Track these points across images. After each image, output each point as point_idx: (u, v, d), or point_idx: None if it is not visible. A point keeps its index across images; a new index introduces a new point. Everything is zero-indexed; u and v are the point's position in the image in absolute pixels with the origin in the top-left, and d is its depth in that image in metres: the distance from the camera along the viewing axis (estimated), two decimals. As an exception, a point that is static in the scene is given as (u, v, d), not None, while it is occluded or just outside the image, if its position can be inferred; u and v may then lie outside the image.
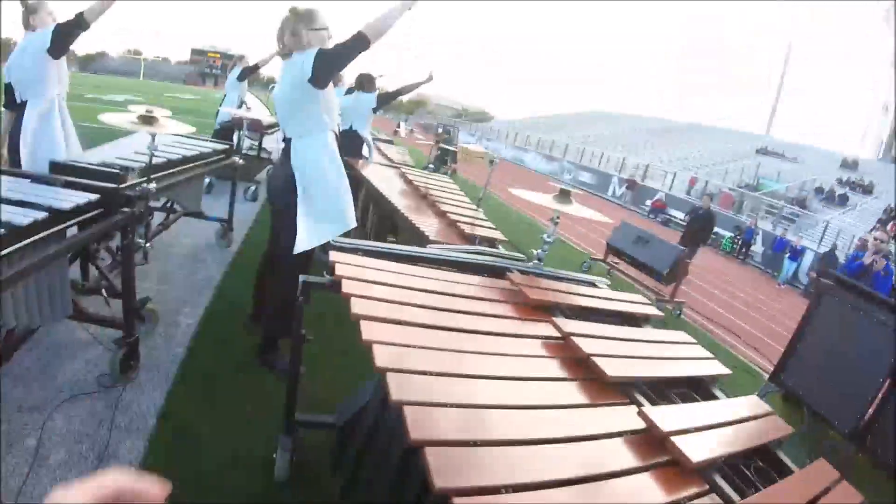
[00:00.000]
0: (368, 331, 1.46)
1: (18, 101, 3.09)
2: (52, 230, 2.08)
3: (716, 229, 19.38)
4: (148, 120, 2.73)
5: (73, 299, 2.45)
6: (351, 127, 5.44)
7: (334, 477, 2.11)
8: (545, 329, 1.86)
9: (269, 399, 2.78)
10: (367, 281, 1.80)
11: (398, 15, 2.65)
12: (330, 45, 2.74)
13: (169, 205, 4.35)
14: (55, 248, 2.05)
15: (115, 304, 2.86)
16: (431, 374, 1.35)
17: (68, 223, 2.20)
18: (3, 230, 1.85)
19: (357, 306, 1.58)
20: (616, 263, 8.16)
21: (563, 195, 2.53)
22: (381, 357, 1.34)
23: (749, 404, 1.77)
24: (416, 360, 1.40)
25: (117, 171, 2.70)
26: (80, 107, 11.57)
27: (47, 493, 0.44)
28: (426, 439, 1.10)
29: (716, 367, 2.00)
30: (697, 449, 1.34)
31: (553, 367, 1.64)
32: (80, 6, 2.90)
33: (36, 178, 2.43)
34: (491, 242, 3.06)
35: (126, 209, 2.47)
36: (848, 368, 3.92)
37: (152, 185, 2.75)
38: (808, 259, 15.49)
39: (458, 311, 1.79)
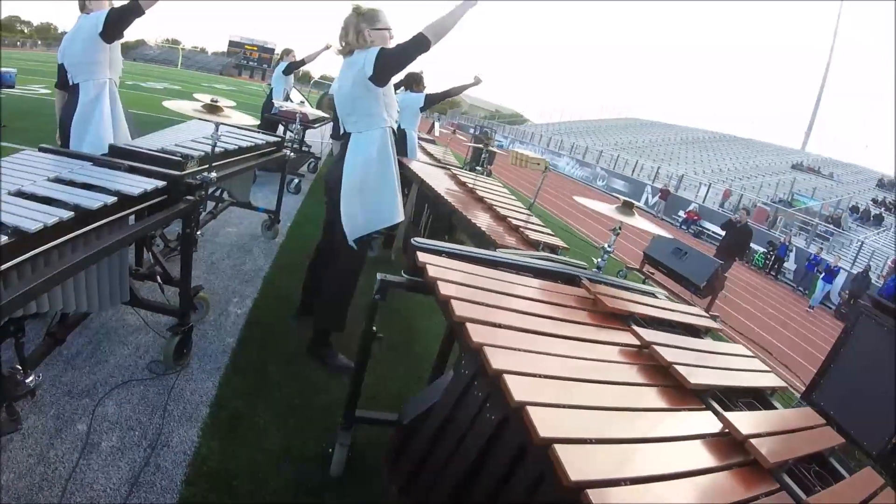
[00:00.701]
0: (476, 333, 1.49)
1: (70, 83, 3.10)
2: (119, 215, 2.07)
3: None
4: (212, 109, 2.72)
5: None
6: (399, 126, 5.44)
7: (391, 475, 2.07)
8: (624, 337, 1.92)
9: (319, 393, 2.77)
10: (460, 284, 1.82)
11: (459, 16, 2.67)
12: (391, 45, 2.77)
13: (218, 193, 4.37)
14: (125, 234, 2.04)
15: (165, 290, 2.88)
16: (540, 376, 1.40)
17: (134, 209, 2.19)
18: (73, 213, 1.85)
19: (459, 308, 1.60)
20: (651, 273, 8.04)
21: (626, 206, 2.58)
22: (496, 360, 1.38)
23: (805, 415, 1.88)
24: (526, 363, 1.44)
25: (179, 158, 2.69)
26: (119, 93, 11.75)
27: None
28: (553, 437, 1.15)
29: (773, 380, 2.09)
30: (772, 451, 1.43)
31: (635, 373, 1.70)
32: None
33: (99, 162, 2.42)
34: (553, 249, 3.03)
35: (190, 197, 2.47)
36: (881, 391, 3.83)
37: (213, 174, 2.73)
38: (840, 279, 15.14)
39: (548, 317, 1.84)
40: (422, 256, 1.93)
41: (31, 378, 2.12)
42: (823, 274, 14.58)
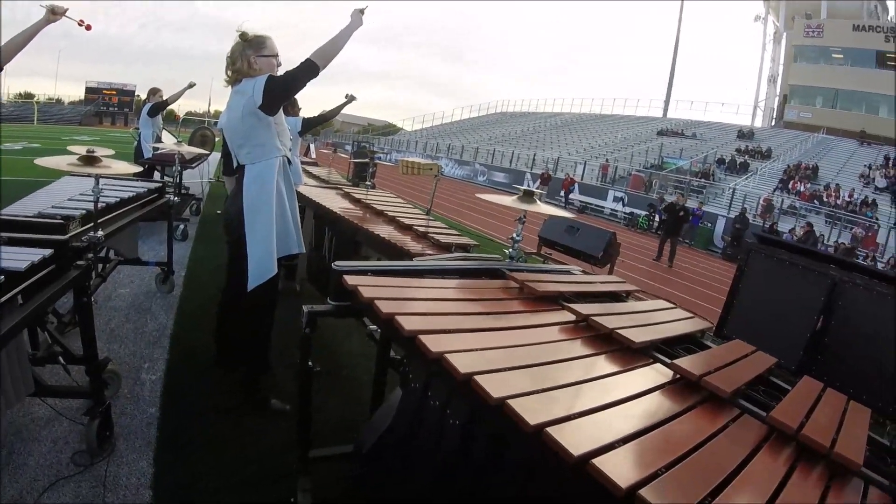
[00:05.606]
0: (434, 344, 1.47)
1: None
2: (8, 296, 1.83)
3: (631, 209, 20.55)
4: (90, 161, 2.49)
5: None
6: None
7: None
8: (562, 316, 2.02)
9: (261, 441, 2.64)
10: (396, 299, 1.80)
11: (345, 40, 2.73)
12: (279, 72, 2.74)
13: (104, 254, 3.99)
14: (19, 317, 1.81)
15: (71, 371, 2.60)
16: (505, 370, 1.42)
17: (23, 285, 1.93)
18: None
19: (406, 323, 1.58)
20: (549, 254, 8.36)
21: (528, 195, 2.70)
22: (462, 364, 1.37)
23: (738, 346, 2.08)
24: (487, 361, 1.45)
25: (59, 220, 2.41)
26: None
27: None
28: (542, 422, 1.17)
29: (699, 324, 2.31)
30: (725, 382, 1.57)
31: (584, 345, 1.79)
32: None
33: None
34: (465, 248, 3.08)
35: (80, 262, 2.24)
36: (784, 313, 4.25)
37: (100, 233, 2.51)
38: (720, 224, 16.68)
39: (488, 313, 1.90)
40: (350, 279, 1.89)
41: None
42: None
